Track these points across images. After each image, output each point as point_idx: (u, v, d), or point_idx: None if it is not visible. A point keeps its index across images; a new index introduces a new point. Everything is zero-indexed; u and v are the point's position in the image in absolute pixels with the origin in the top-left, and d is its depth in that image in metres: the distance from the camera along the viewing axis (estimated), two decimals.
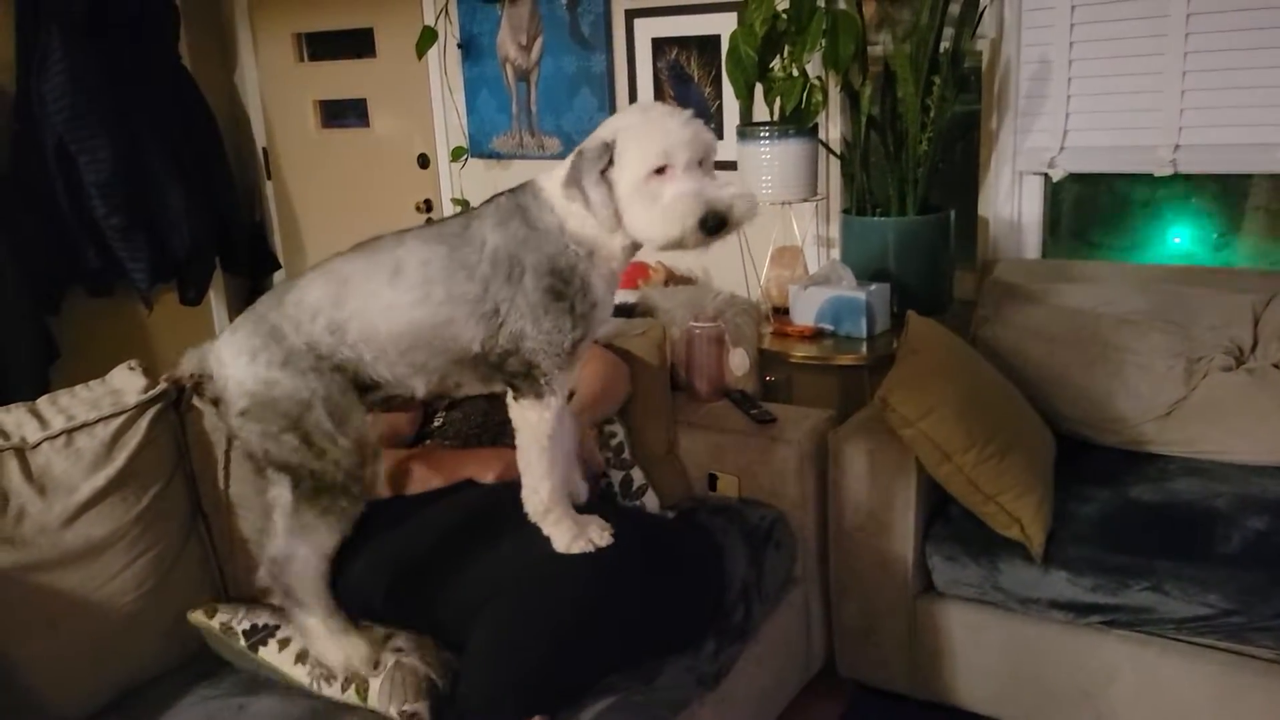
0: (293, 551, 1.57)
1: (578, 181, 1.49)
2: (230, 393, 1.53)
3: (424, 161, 3.91)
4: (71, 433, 1.72)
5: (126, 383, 1.83)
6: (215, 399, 1.56)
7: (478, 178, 3.72)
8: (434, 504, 1.82)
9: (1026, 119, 2.75)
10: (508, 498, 1.66)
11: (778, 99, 2.71)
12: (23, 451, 1.68)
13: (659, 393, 2.28)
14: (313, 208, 4.31)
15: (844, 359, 2.57)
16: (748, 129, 2.70)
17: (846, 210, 2.83)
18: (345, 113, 4.12)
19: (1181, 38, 2.49)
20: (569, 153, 1.52)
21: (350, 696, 1.61)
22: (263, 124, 4.30)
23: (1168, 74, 2.53)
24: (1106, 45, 2.60)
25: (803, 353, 2.60)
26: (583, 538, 1.60)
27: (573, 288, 1.52)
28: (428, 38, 3.46)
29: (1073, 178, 2.78)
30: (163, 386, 1.85)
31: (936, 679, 2.20)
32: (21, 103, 3.39)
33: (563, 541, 1.60)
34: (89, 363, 2.67)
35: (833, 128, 2.97)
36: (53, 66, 3.31)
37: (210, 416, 1.88)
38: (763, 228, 2.95)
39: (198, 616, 1.72)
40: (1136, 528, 2.03)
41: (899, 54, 2.54)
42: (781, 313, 2.80)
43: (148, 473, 1.78)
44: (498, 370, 1.57)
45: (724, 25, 3.02)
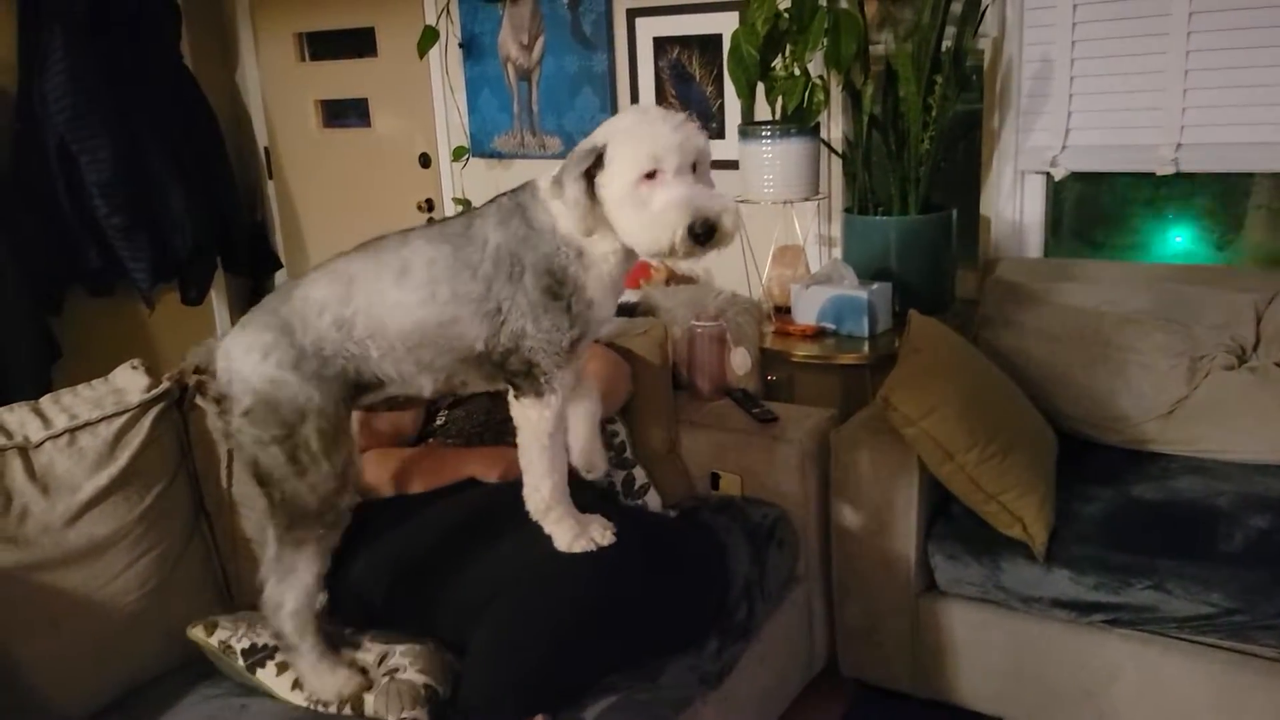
0: (280, 599, 1.57)
1: (560, 180, 1.48)
2: (235, 390, 1.51)
3: (425, 161, 3.91)
4: (74, 432, 1.72)
5: (129, 382, 1.83)
6: (218, 397, 1.55)
7: (479, 177, 3.72)
8: (435, 504, 1.82)
9: (1028, 118, 2.75)
10: (509, 497, 1.65)
11: (779, 98, 2.71)
12: (26, 450, 1.68)
13: (661, 392, 2.28)
14: (314, 207, 4.31)
15: (846, 358, 2.57)
16: (749, 128, 2.71)
17: (848, 209, 2.83)
18: (346, 112, 4.12)
19: (1183, 36, 2.49)
20: (569, 153, 1.51)
21: (347, 711, 1.60)
22: (264, 123, 4.30)
23: (1169, 73, 2.53)
24: (1108, 44, 2.60)
25: (804, 352, 2.60)
26: (584, 536, 1.60)
27: (567, 288, 1.52)
28: (429, 37, 3.46)
29: (1074, 177, 2.78)
30: (165, 385, 1.85)
31: (939, 678, 2.20)
32: (23, 102, 3.39)
33: (564, 540, 1.60)
34: (90, 363, 2.66)
35: (834, 127, 2.97)
36: (54, 66, 3.31)
37: (213, 416, 1.87)
38: (764, 227, 2.95)
39: (197, 633, 1.70)
40: (1139, 526, 2.03)
41: (901, 53, 2.54)
42: (783, 312, 2.80)
43: (150, 472, 1.78)
44: (500, 369, 1.57)
45: (726, 24, 3.02)
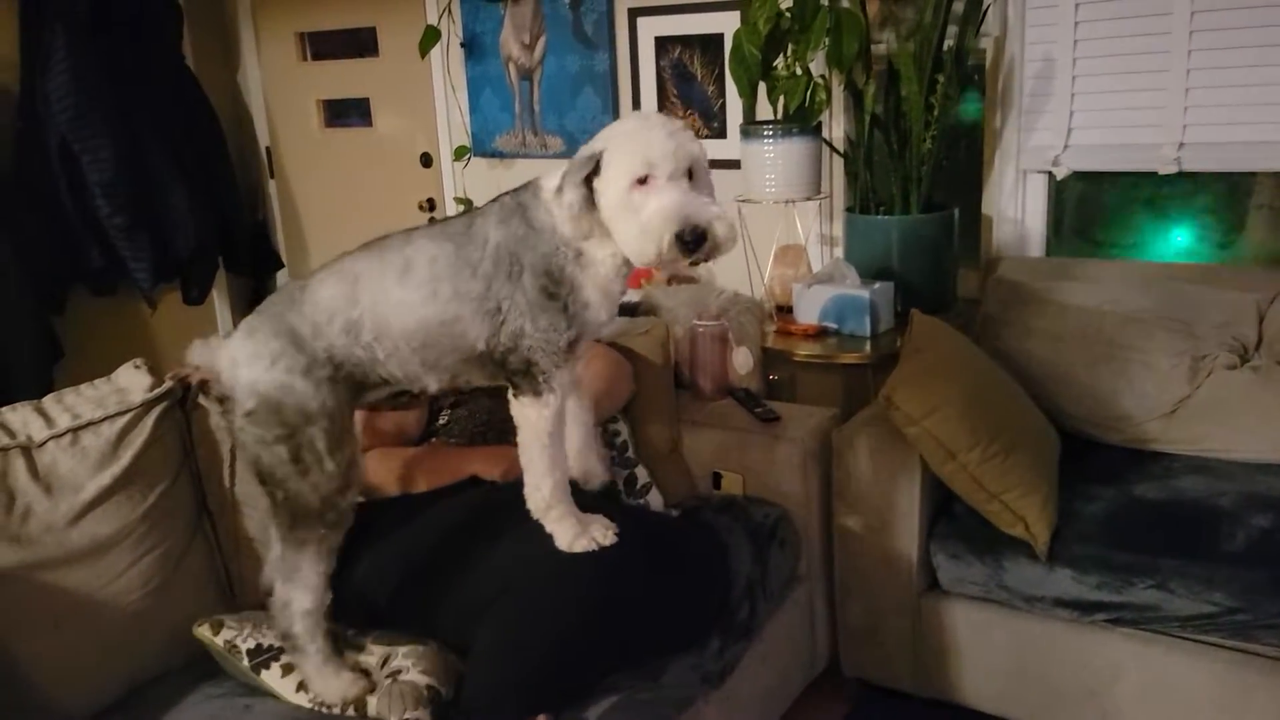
0: (288, 598, 1.58)
1: (562, 187, 1.49)
2: (239, 393, 1.52)
3: (427, 161, 3.91)
4: (77, 431, 1.72)
5: (132, 381, 1.83)
6: (221, 397, 1.55)
7: (480, 177, 3.72)
8: (437, 504, 1.82)
9: (1030, 117, 2.75)
10: (511, 496, 1.65)
11: (781, 97, 2.71)
12: (29, 450, 1.68)
13: (663, 391, 2.28)
14: (316, 207, 4.31)
15: (848, 357, 2.57)
16: (751, 128, 2.71)
17: (850, 209, 2.83)
18: (348, 112, 4.12)
19: (1185, 35, 2.49)
20: (571, 153, 1.52)
21: (351, 713, 1.61)
22: (265, 123, 4.30)
23: (1172, 72, 2.53)
24: (1110, 43, 2.60)
25: (806, 351, 2.60)
26: (585, 536, 1.60)
27: (564, 288, 1.53)
28: (431, 37, 3.47)
29: (1076, 176, 2.78)
30: (168, 385, 1.85)
31: (941, 677, 2.20)
32: (25, 102, 3.40)
33: (565, 539, 1.60)
34: (92, 362, 2.66)
35: (836, 126, 2.97)
36: (56, 66, 3.31)
37: (216, 415, 1.87)
38: (766, 226, 2.95)
39: (203, 632, 1.70)
40: (1141, 526, 2.03)
41: (903, 52, 2.54)
42: (785, 311, 2.80)
43: (153, 471, 1.78)
44: (501, 367, 1.58)
45: (727, 24, 3.02)
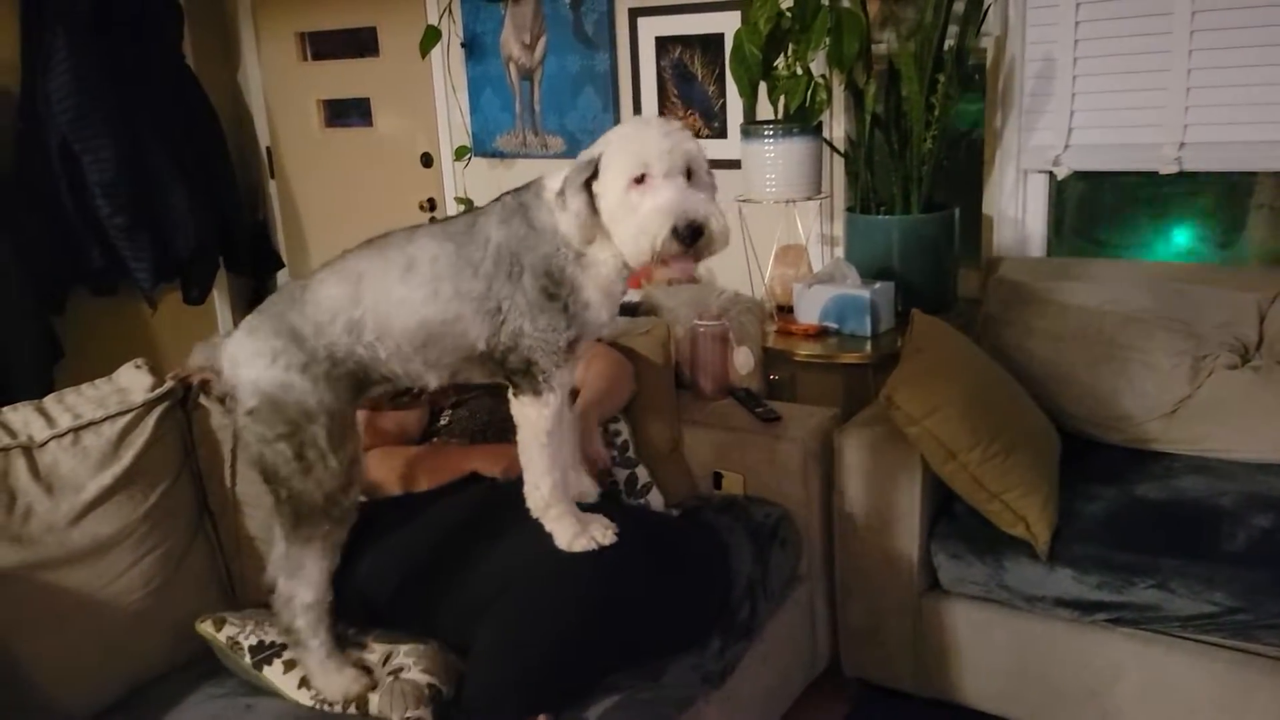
0: (292, 593, 1.58)
1: (563, 193, 1.51)
2: (241, 391, 1.52)
3: (427, 161, 3.91)
4: (78, 431, 1.72)
5: (133, 381, 1.83)
6: (223, 396, 1.55)
7: (481, 177, 3.72)
8: (438, 504, 1.82)
9: (1031, 117, 2.75)
10: (511, 496, 1.65)
11: (782, 97, 2.71)
12: (30, 450, 1.68)
13: (664, 391, 2.28)
14: (316, 207, 4.31)
15: (848, 357, 2.57)
16: (752, 127, 2.71)
17: (851, 208, 2.83)
18: (348, 112, 4.13)
19: (1186, 35, 2.49)
20: (572, 153, 1.52)
21: (352, 711, 1.61)
22: (266, 123, 4.30)
23: (1173, 71, 2.53)
24: (1111, 43, 2.60)
25: (807, 351, 2.60)
26: (584, 535, 1.60)
27: (564, 289, 1.53)
28: (431, 37, 3.47)
29: (1077, 175, 2.78)
30: (169, 385, 1.85)
31: (942, 677, 2.20)
32: (26, 102, 3.40)
33: (564, 538, 1.60)
34: (92, 362, 2.66)
35: (837, 126, 2.97)
36: (57, 66, 3.31)
37: (217, 415, 1.88)
38: (767, 226, 2.95)
39: (206, 628, 1.71)
40: (1142, 526, 2.03)
41: (903, 52, 2.54)
42: (786, 311, 2.80)
43: (155, 471, 1.78)
44: (501, 366, 1.58)
45: (728, 24, 3.02)
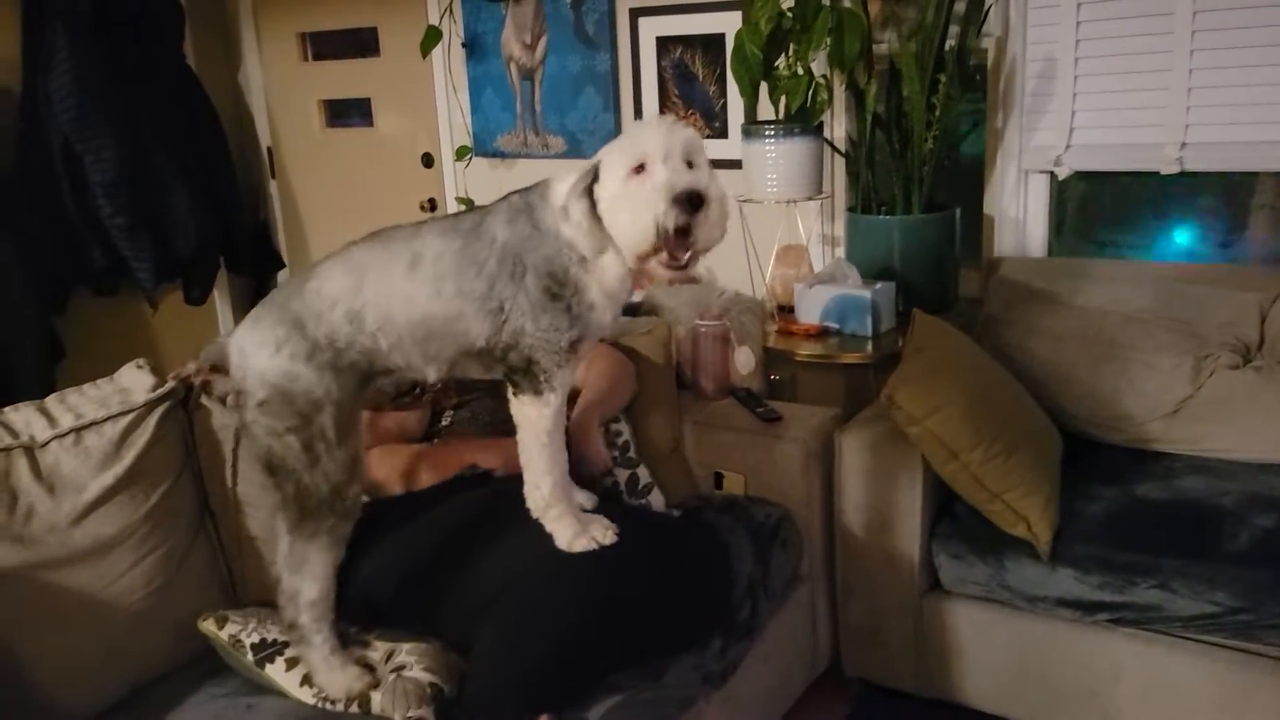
0: (297, 588, 1.58)
1: (566, 204, 1.51)
2: (250, 383, 1.52)
3: (428, 161, 3.91)
4: (80, 431, 1.72)
5: (134, 381, 1.84)
6: (226, 395, 1.55)
7: (482, 177, 3.72)
8: (440, 503, 1.82)
9: (1032, 117, 2.75)
10: (513, 496, 1.66)
11: (783, 97, 2.71)
12: (31, 450, 1.68)
13: (665, 391, 2.28)
14: (317, 207, 4.31)
15: (849, 357, 2.57)
16: (753, 127, 2.71)
17: (851, 208, 2.83)
18: (349, 112, 4.13)
19: (1188, 35, 2.48)
20: (572, 153, 1.53)
21: (354, 709, 1.60)
22: (267, 123, 4.30)
23: (1174, 71, 2.52)
24: (1112, 43, 2.59)
25: (808, 351, 2.59)
26: (585, 535, 1.60)
27: (568, 290, 1.54)
28: (432, 37, 3.47)
29: (1078, 175, 2.77)
30: (171, 385, 1.85)
31: (943, 677, 2.20)
32: (27, 102, 3.40)
33: (565, 538, 1.60)
34: (94, 362, 2.67)
35: (838, 126, 2.96)
36: (59, 66, 3.31)
37: (219, 415, 1.88)
38: (768, 226, 2.95)
39: (208, 626, 1.71)
40: (1143, 526, 2.03)
41: (904, 52, 2.54)
42: (787, 311, 2.80)
43: (156, 471, 1.79)
44: (501, 363, 1.59)
45: (729, 24, 3.02)
